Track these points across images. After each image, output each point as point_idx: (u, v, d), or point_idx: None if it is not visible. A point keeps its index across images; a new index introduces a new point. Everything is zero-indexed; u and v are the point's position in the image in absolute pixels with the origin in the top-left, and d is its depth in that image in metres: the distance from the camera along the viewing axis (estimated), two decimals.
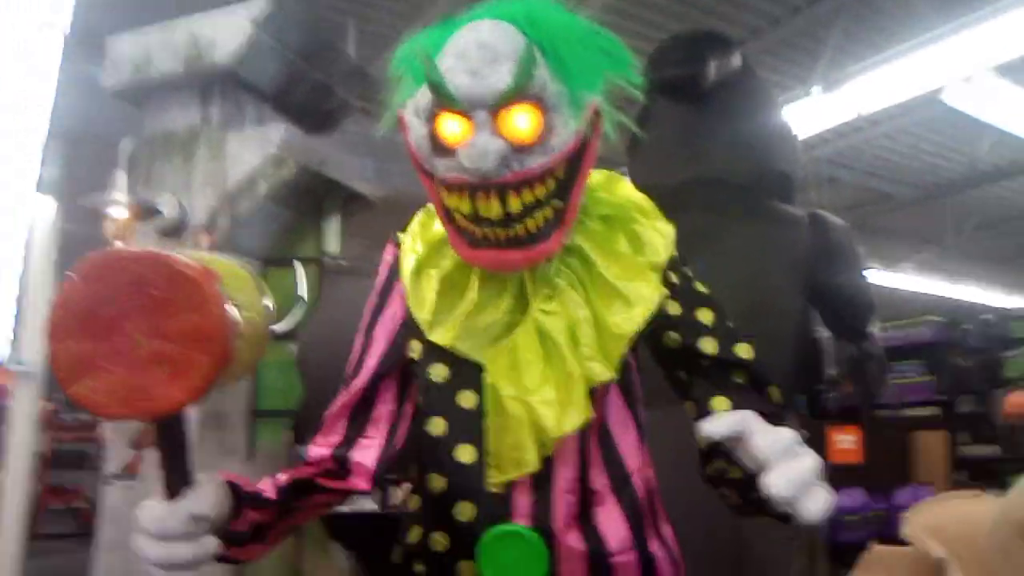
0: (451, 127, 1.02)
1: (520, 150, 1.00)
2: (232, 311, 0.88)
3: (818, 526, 0.93)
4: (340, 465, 1.17)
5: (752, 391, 1.14)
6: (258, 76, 2.65)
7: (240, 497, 1.04)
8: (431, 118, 1.03)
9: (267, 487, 1.11)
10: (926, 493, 4.31)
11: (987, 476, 5.17)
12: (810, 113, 5.40)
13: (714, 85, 3.03)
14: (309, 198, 2.59)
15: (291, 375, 2.41)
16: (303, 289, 2.43)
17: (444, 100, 1.00)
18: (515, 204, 1.01)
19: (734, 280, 1.22)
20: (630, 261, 1.13)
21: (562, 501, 1.07)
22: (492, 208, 1.01)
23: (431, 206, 1.20)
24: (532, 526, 1.05)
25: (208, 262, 0.93)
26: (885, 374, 3.87)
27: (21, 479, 3.73)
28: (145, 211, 2.37)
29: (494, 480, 1.06)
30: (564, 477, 1.07)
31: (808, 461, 0.87)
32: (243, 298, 0.95)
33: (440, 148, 1.03)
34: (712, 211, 2.93)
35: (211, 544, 0.95)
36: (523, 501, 1.06)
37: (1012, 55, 4.71)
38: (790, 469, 0.86)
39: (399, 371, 1.22)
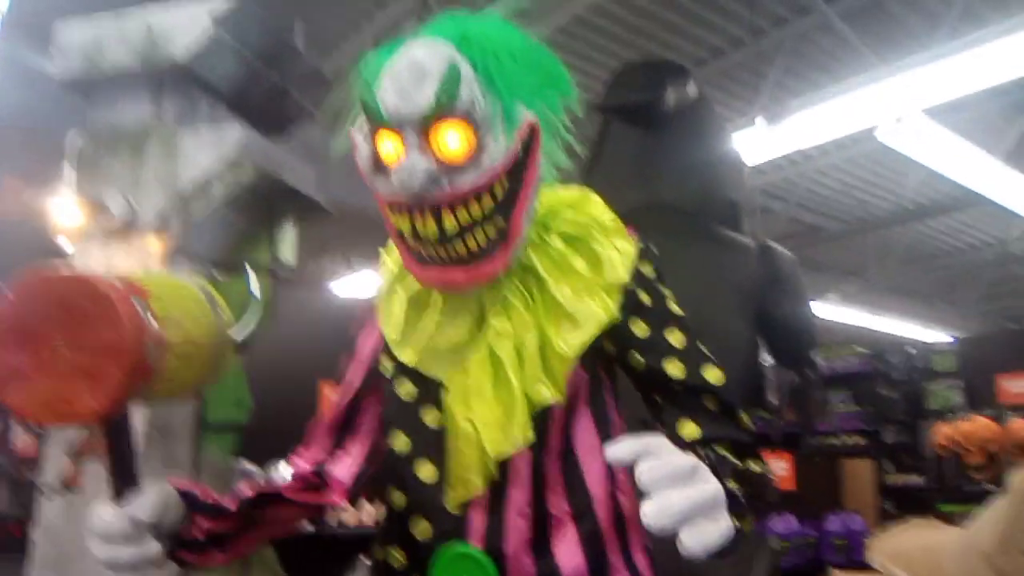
0: (387, 147, 1.03)
1: (451, 169, 1.00)
2: (152, 327, 0.94)
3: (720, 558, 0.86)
4: (320, 479, 1.19)
5: (722, 417, 1.11)
6: (214, 74, 2.56)
7: (192, 505, 1.06)
8: (372, 138, 1.04)
9: (228, 498, 1.11)
10: (855, 520, 4.43)
11: (912, 505, 5.34)
12: (748, 145, 5.54)
13: (670, 112, 3.08)
14: (264, 204, 2.52)
15: (239, 387, 2.34)
16: (256, 292, 2.36)
17: (375, 120, 1.02)
18: (450, 223, 1.01)
19: (679, 303, 1.21)
20: (585, 281, 1.12)
21: (513, 524, 1.06)
22: (428, 227, 1.02)
23: None
24: (484, 548, 1.05)
25: (144, 279, 0.99)
26: (826, 403, 3.99)
27: None
28: (92, 208, 2.27)
29: (451, 500, 1.06)
30: (516, 500, 1.07)
31: (696, 491, 0.80)
32: (180, 314, 1.00)
33: (380, 168, 1.04)
34: (661, 236, 2.94)
35: (153, 548, 0.98)
36: (478, 522, 1.06)
37: (941, 99, 4.93)
38: (670, 498, 0.79)
39: (381, 388, 1.21)
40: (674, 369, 1.11)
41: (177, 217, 2.39)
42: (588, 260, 1.14)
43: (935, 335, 10.87)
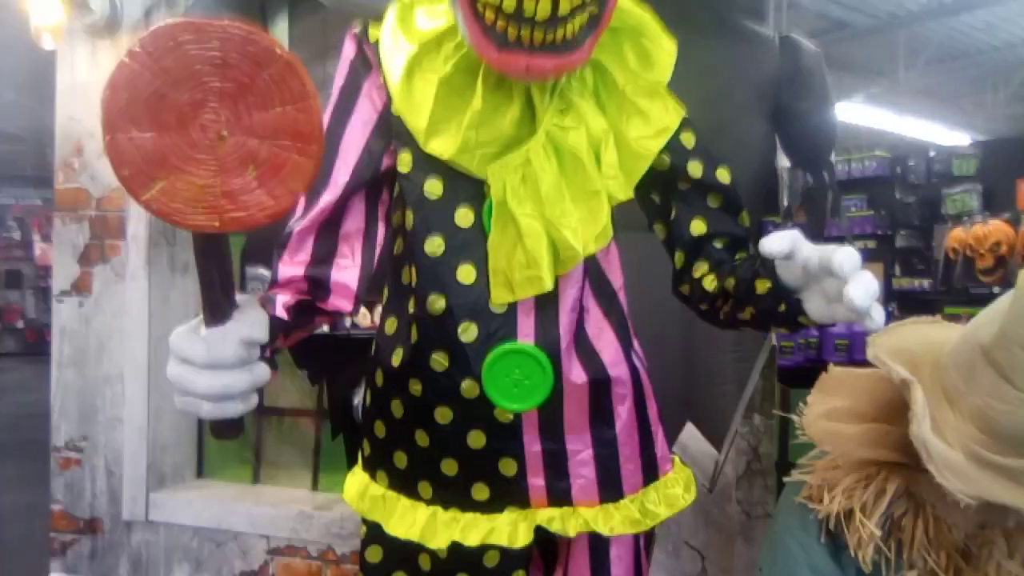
0: None
1: None
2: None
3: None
4: (316, 286, 1.12)
5: (726, 215, 1.16)
6: None
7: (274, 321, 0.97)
8: None
9: (280, 308, 1.05)
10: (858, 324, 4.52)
11: (917, 307, 5.42)
12: None
13: None
14: None
15: None
16: None
17: None
18: (565, 4, 0.91)
19: (696, 99, 1.20)
20: (642, 78, 1.09)
21: (566, 320, 1.06)
22: (541, 6, 0.90)
23: None
24: (537, 344, 1.04)
25: None
26: (839, 206, 3.91)
27: None
28: (72, 5, 2.14)
29: (499, 300, 1.04)
30: (570, 297, 1.07)
31: (871, 275, 0.88)
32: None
33: None
34: (676, 27, 2.77)
35: (264, 371, 0.86)
36: (527, 320, 1.05)
37: None
38: (866, 281, 0.87)
39: (368, 184, 1.14)
40: (694, 169, 1.14)
41: (164, 11, 2.27)
42: (638, 56, 1.09)
43: (960, 138, 10.60)
